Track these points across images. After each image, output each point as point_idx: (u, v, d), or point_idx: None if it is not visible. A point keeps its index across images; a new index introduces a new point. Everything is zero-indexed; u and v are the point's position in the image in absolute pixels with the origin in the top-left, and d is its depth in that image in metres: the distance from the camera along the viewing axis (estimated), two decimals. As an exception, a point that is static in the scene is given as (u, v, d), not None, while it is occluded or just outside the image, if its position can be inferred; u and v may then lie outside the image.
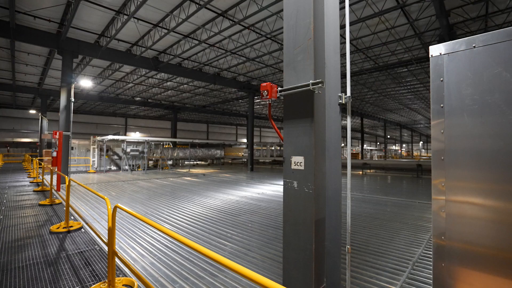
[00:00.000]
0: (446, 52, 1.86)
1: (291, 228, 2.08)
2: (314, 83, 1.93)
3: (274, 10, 9.87)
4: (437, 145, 1.85)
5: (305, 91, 2.03)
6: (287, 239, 2.14)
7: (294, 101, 2.15)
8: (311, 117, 1.99)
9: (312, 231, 1.88)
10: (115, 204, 2.68)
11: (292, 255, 2.05)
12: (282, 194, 2.32)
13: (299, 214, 2.03)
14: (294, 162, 2.10)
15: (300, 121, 2.07)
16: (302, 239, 1.97)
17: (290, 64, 2.20)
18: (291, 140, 2.13)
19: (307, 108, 2.02)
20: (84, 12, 10.19)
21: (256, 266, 3.57)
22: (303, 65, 2.06)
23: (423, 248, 4.25)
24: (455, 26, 10.92)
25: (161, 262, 3.62)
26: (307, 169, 1.99)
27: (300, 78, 2.09)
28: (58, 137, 9.23)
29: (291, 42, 2.20)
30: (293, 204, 2.10)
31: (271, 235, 4.88)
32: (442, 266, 1.81)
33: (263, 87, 2.26)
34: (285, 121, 2.23)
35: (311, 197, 1.93)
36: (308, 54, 2.02)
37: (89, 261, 3.64)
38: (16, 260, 3.65)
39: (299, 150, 2.06)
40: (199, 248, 1.62)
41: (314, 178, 1.92)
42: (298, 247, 1.99)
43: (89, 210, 6.67)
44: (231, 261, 1.42)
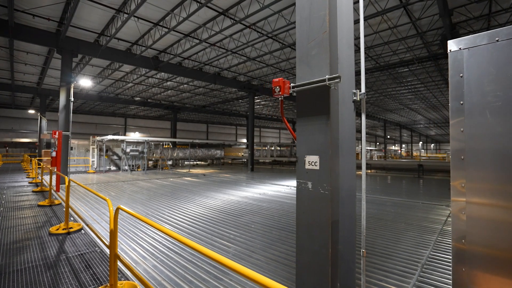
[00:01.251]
0: (466, 47, 1.77)
1: (305, 231, 1.99)
2: (330, 78, 1.84)
3: (276, 9, 9.79)
4: (456, 144, 1.77)
5: (321, 87, 1.94)
6: (301, 242, 2.05)
7: (308, 98, 2.06)
8: (327, 114, 1.90)
9: (328, 235, 1.79)
10: (117, 206, 2.59)
11: (306, 259, 1.96)
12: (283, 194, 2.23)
13: (313, 216, 1.94)
14: (308, 161, 2.01)
15: (314, 118, 1.98)
16: (317, 242, 1.88)
17: (303, 59, 2.11)
18: (305, 139, 2.04)
19: (322, 104, 1.93)
20: (83, 10, 10.09)
21: (261, 269, 3.48)
22: (318, 59, 1.97)
23: (430, 250, 4.17)
24: (457, 25, 10.86)
25: (163, 265, 3.53)
26: (322, 169, 1.90)
27: (315, 74, 2.00)
28: (58, 137, 9.13)
29: (304, 35, 2.11)
30: (307, 205, 2.01)
31: (275, 236, 4.79)
32: (463, 271, 1.73)
33: (275, 83, 2.17)
34: (298, 118, 2.14)
35: (327, 199, 1.84)
36: (324, 48, 1.93)
37: (89, 263, 3.54)
38: (15, 263, 3.55)
39: (314, 149, 1.97)
40: (204, 250, 1.57)
41: (330, 179, 1.84)
42: (312, 250, 1.91)
43: (89, 211, 6.57)
44: (237, 263, 1.37)
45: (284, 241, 4.55)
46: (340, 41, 2.00)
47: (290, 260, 3.75)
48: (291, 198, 8.50)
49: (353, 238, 2.05)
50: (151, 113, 37.43)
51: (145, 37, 12.57)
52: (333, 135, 1.90)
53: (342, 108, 2.01)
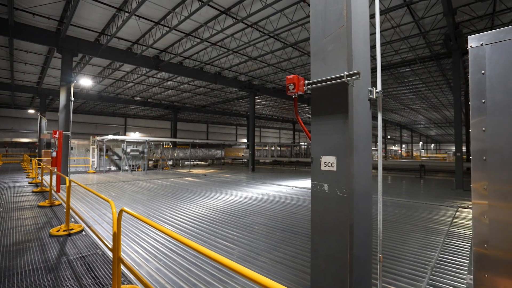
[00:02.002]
0: (488, 42, 1.69)
1: (321, 235, 1.90)
2: (349, 74, 1.76)
3: (278, 8, 9.70)
4: (478, 144, 1.69)
5: (338, 84, 1.86)
6: (316, 247, 1.96)
7: (324, 95, 1.97)
8: (345, 112, 1.81)
9: (346, 239, 1.71)
10: (121, 208, 2.51)
11: (322, 265, 1.88)
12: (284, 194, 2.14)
13: (330, 220, 1.85)
14: (324, 162, 1.92)
15: (331, 117, 1.89)
16: (334, 247, 1.80)
17: (318, 55, 2.02)
18: (321, 139, 1.96)
19: (340, 102, 1.85)
20: (84, 9, 10.00)
21: (266, 272, 3.40)
22: (335, 55, 1.89)
23: (439, 252, 4.09)
24: (460, 24, 10.78)
25: (167, 267, 3.45)
26: (340, 170, 1.82)
27: (331, 70, 1.92)
28: (58, 137, 9.04)
29: (319, 30, 2.02)
30: (323, 209, 1.92)
31: (279, 238, 4.71)
32: (485, 277, 1.64)
33: (289, 80, 2.08)
34: (313, 117, 2.05)
35: (345, 201, 1.76)
36: (341, 43, 1.85)
37: (91, 266, 3.46)
38: (15, 265, 3.47)
39: (331, 149, 1.89)
40: (208, 253, 1.52)
41: (348, 180, 1.75)
42: (329, 256, 1.82)
43: (90, 211, 6.48)
44: (243, 266, 1.31)
45: (288, 242, 4.47)
46: (356, 37, 1.92)
47: (296, 262, 3.67)
48: (293, 199, 8.42)
49: (370, 242, 1.97)
50: (151, 113, 37.34)
51: (146, 36, 12.48)
52: (351, 134, 1.81)
53: (358, 106, 1.92)
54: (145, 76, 18.82)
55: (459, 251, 4.13)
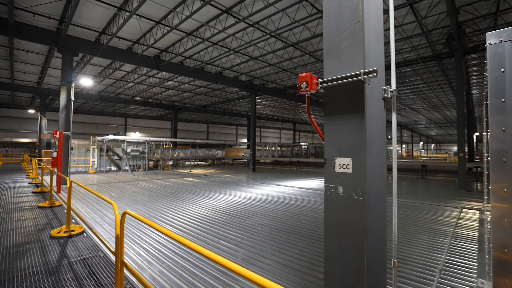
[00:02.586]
0: (508, 39, 1.62)
1: (335, 240, 1.83)
2: (366, 72, 1.69)
3: (280, 7, 9.63)
4: (497, 145, 1.62)
5: (354, 82, 1.79)
6: (330, 253, 1.89)
7: (339, 94, 1.90)
8: (361, 112, 1.75)
9: (363, 245, 1.65)
10: (124, 210, 2.44)
11: (337, 272, 1.81)
12: (287, 195, 2.07)
13: (345, 225, 1.79)
14: (339, 164, 1.85)
15: (346, 117, 1.82)
16: (350, 253, 1.73)
17: (332, 52, 1.95)
18: (335, 139, 1.89)
19: (356, 101, 1.78)
20: (84, 8, 9.93)
21: (272, 275, 3.33)
22: (350, 52, 1.82)
23: (446, 254, 4.02)
24: (463, 24, 10.72)
25: (170, 271, 3.38)
26: (356, 172, 1.75)
27: (346, 68, 1.85)
28: (59, 137, 8.97)
29: (333, 26, 1.95)
30: (338, 213, 1.85)
31: (283, 239, 4.64)
32: (506, 284, 1.58)
33: (302, 78, 2.01)
34: (326, 117, 1.98)
35: (361, 205, 1.69)
36: (356, 40, 1.78)
37: (93, 269, 3.39)
38: (15, 268, 3.40)
39: (346, 151, 1.82)
40: (212, 256, 1.48)
41: (365, 183, 1.69)
42: (344, 262, 1.76)
43: (91, 212, 6.42)
44: (248, 270, 1.28)
45: (293, 244, 4.40)
46: (369, 33, 1.85)
47: (302, 265, 3.60)
48: (295, 199, 8.35)
49: (384, 247, 1.90)
50: (151, 113, 37.26)
51: (146, 36, 12.42)
52: (369, 134, 1.74)
53: (372, 105, 1.85)
54: (145, 76, 18.76)
55: (467, 254, 4.07)
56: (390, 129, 53.15)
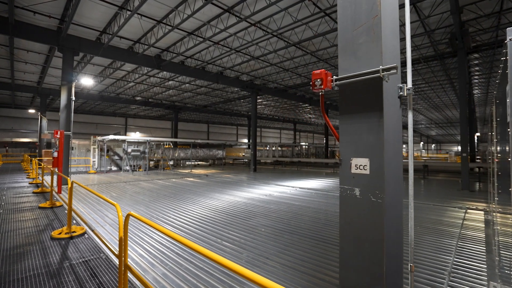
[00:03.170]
0: (531, 34, 1.56)
1: (351, 244, 1.76)
2: (385, 69, 1.62)
3: (283, 6, 9.57)
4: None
5: (372, 79, 1.72)
6: (345, 258, 1.82)
7: (355, 92, 1.83)
8: (379, 110, 1.68)
9: (382, 250, 1.58)
10: (128, 212, 2.37)
11: (353, 277, 1.74)
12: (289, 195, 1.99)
13: (363, 229, 1.72)
14: (355, 165, 1.78)
15: (364, 115, 1.75)
16: (368, 259, 1.66)
17: (347, 48, 1.88)
18: (351, 139, 1.82)
19: (373, 99, 1.71)
20: (85, 7, 9.87)
21: (277, 277, 3.26)
22: (367, 48, 1.75)
23: (454, 256, 3.96)
24: (466, 23, 10.65)
25: (174, 273, 3.31)
26: (374, 174, 1.68)
27: (362, 64, 1.78)
28: (59, 137, 8.90)
29: (348, 21, 1.88)
30: (355, 216, 1.78)
31: (287, 241, 4.58)
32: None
33: (316, 75, 1.94)
34: (342, 116, 1.91)
35: (380, 208, 1.62)
36: (374, 35, 1.71)
37: (95, 271, 3.32)
38: (15, 271, 3.33)
39: (363, 151, 1.75)
40: (217, 258, 1.45)
41: (383, 184, 1.62)
42: (361, 268, 1.69)
43: (92, 213, 6.35)
44: (255, 273, 1.24)
45: (298, 246, 4.33)
46: (386, 28, 1.78)
47: (307, 267, 3.53)
48: (298, 200, 8.28)
49: (401, 251, 1.83)
50: (151, 113, 37.21)
51: (147, 35, 12.35)
52: (385, 135, 1.67)
53: (388, 104, 1.78)
54: (146, 75, 18.70)
55: (475, 255, 4.00)
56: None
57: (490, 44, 12.21)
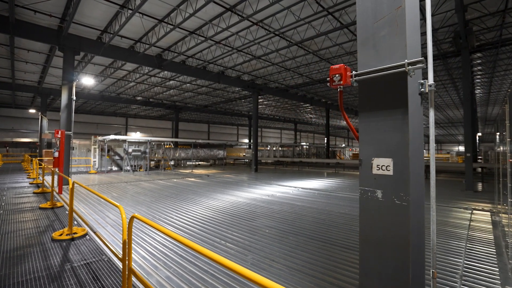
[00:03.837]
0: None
1: (373, 250, 1.67)
2: (411, 63, 1.53)
3: (286, 5, 9.48)
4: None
5: (396, 74, 1.63)
6: (366, 264, 1.73)
7: (376, 88, 1.74)
8: (404, 107, 1.59)
9: (407, 256, 1.49)
10: (133, 214, 2.29)
11: (375, 285, 1.64)
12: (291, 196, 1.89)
13: (385, 233, 1.63)
14: (377, 165, 1.69)
15: (386, 113, 1.66)
16: (391, 265, 1.57)
17: (368, 42, 1.79)
18: (372, 138, 1.73)
19: (397, 95, 1.62)
20: (86, 6, 9.79)
21: (285, 280, 3.18)
22: (390, 41, 1.66)
23: (464, 258, 3.87)
24: (470, 22, 10.56)
25: (178, 276, 3.22)
26: (398, 175, 1.59)
27: (384, 59, 1.69)
28: (60, 136, 8.82)
29: (369, 13, 1.78)
30: (376, 219, 1.69)
31: (293, 242, 4.49)
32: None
33: (335, 70, 1.84)
34: (362, 114, 1.82)
35: (405, 211, 1.53)
36: (398, 27, 1.62)
37: (97, 274, 3.24)
38: (16, 273, 3.25)
39: (385, 150, 1.66)
40: (223, 261, 1.40)
41: (408, 186, 1.53)
42: (384, 275, 1.60)
43: (93, 214, 6.27)
44: (263, 277, 1.20)
45: (303, 248, 4.24)
46: (408, 20, 1.69)
47: (315, 270, 3.44)
48: (301, 200, 8.19)
49: (423, 257, 1.74)
50: (152, 113, 37.14)
51: (149, 34, 12.27)
52: (409, 133, 1.58)
53: (410, 101, 1.69)
54: (147, 75, 18.62)
55: (486, 258, 3.91)
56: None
57: (494, 43, 12.12)
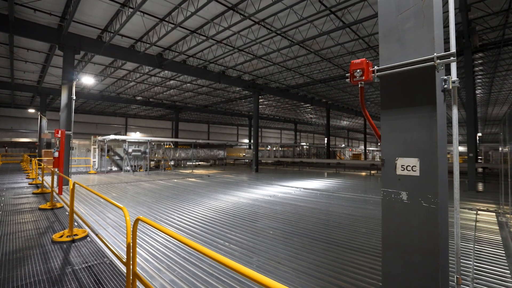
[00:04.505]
0: None
1: (397, 255, 1.59)
2: (441, 56, 1.45)
3: (288, 3, 9.40)
4: None
5: (423, 68, 1.55)
6: (390, 270, 1.64)
7: (401, 84, 1.65)
8: (432, 103, 1.51)
9: (437, 263, 1.41)
10: (137, 217, 2.20)
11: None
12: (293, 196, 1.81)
13: (411, 237, 1.54)
14: (401, 165, 1.61)
15: (412, 110, 1.58)
16: (418, 272, 1.49)
17: (391, 35, 1.70)
18: (397, 136, 1.64)
19: (425, 91, 1.54)
20: (87, 4, 9.70)
21: (292, 283, 3.09)
22: (416, 34, 1.58)
23: (473, 260, 3.79)
24: (473, 21, 10.50)
25: (182, 279, 3.13)
26: (425, 175, 1.51)
27: (409, 53, 1.61)
28: (60, 136, 8.72)
29: (392, 4, 1.70)
30: (401, 223, 1.60)
31: (298, 244, 4.40)
32: None
33: (356, 65, 1.75)
34: (384, 111, 1.73)
35: (435, 215, 1.45)
36: (425, 19, 1.54)
37: (99, 278, 3.15)
38: (15, 277, 3.16)
39: (411, 150, 1.58)
40: (231, 264, 1.35)
41: (436, 188, 1.45)
42: (410, 283, 1.51)
43: (94, 215, 6.17)
44: (273, 280, 1.17)
45: (309, 249, 4.16)
46: (435, 12, 1.61)
47: (321, 272, 3.36)
48: (303, 201, 8.11)
49: (447, 262, 1.66)
50: (152, 113, 37.03)
51: (149, 33, 12.18)
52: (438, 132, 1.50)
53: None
54: (147, 75, 18.53)
55: (495, 260, 3.83)
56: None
57: (496, 43, 12.06)
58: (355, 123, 46.54)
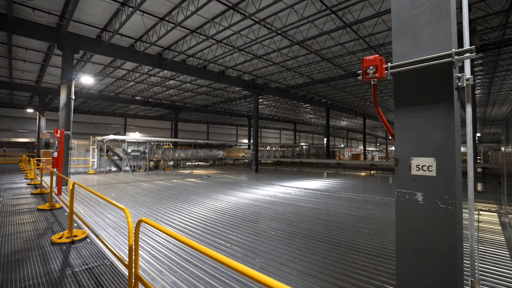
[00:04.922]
0: None
1: (412, 258, 1.54)
2: (459, 52, 1.41)
3: (289, 3, 9.36)
4: None
5: (440, 65, 1.50)
6: (404, 273, 1.59)
7: (416, 81, 1.61)
8: (450, 101, 1.47)
9: (455, 267, 1.37)
10: (140, 218, 2.15)
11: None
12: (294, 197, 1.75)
13: (427, 240, 1.50)
14: (416, 165, 1.56)
15: (428, 108, 1.53)
16: (434, 275, 1.45)
17: (404, 31, 1.66)
18: (411, 136, 1.60)
19: (442, 88, 1.49)
20: (86, 3, 9.63)
21: (297, 285, 3.05)
22: (431, 30, 1.54)
23: (478, 261, 3.75)
24: (473, 21, 10.49)
25: (185, 282, 3.08)
26: (442, 175, 1.47)
27: (425, 49, 1.57)
28: (60, 136, 8.65)
29: (406, 0, 1.65)
30: (416, 225, 1.56)
31: (301, 245, 4.36)
32: None
33: (370, 62, 1.71)
34: (398, 109, 1.69)
35: (453, 216, 1.41)
36: (441, 13, 1.50)
37: (99, 280, 3.09)
38: (14, 279, 3.10)
39: (427, 149, 1.53)
40: (235, 266, 1.31)
41: (453, 188, 1.40)
42: (425, 287, 1.47)
43: (93, 215, 6.11)
44: (279, 282, 1.14)
45: (312, 250, 4.11)
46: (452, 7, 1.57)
47: (326, 274, 3.32)
48: (304, 201, 8.07)
49: (461, 264, 1.62)
50: (151, 113, 36.93)
51: (149, 33, 12.12)
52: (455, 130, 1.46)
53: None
54: (146, 74, 18.46)
55: (500, 260, 3.80)
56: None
57: (496, 43, 12.06)
58: (354, 123, 46.58)
